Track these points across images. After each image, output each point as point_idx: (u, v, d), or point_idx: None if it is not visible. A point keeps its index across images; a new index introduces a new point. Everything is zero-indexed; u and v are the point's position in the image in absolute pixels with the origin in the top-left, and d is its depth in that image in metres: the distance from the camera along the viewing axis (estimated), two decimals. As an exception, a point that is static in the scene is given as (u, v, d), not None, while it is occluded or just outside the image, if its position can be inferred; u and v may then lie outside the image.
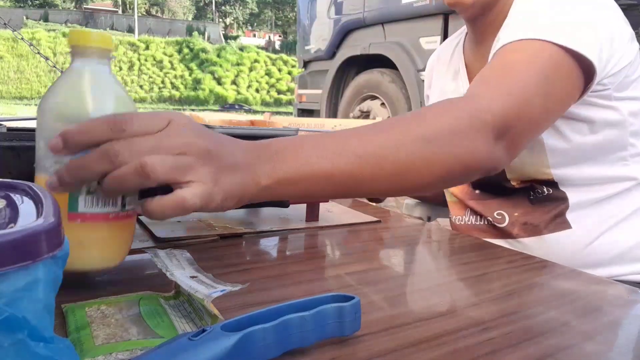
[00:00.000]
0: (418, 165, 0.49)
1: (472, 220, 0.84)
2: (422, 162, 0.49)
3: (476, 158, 0.52)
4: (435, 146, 0.49)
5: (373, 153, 0.47)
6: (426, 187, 0.52)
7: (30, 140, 0.55)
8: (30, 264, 0.21)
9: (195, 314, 0.37)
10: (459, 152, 0.51)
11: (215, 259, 0.53)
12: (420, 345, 0.36)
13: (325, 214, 0.75)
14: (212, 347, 0.29)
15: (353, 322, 0.35)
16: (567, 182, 0.72)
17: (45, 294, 0.22)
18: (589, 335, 0.40)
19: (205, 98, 19.40)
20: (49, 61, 2.83)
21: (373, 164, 0.47)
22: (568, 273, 0.56)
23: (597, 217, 0.72)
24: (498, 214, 0.79)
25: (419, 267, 0.60)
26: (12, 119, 0.61)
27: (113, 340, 0.32)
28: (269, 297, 0.44)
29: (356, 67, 4.66)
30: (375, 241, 0.66)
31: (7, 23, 2.88)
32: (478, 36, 0.80)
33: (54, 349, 0.22)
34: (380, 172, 0.47)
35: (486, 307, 0.45)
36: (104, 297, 0.40)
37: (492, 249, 0.64)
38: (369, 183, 0.48)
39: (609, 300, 0.48)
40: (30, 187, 0.28)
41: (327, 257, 0.60)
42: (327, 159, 0.45)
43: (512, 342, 0.37)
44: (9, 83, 18.30)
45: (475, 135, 0.51)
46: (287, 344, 0.32)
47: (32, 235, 0.21)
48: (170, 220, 0.65)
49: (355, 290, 0.47)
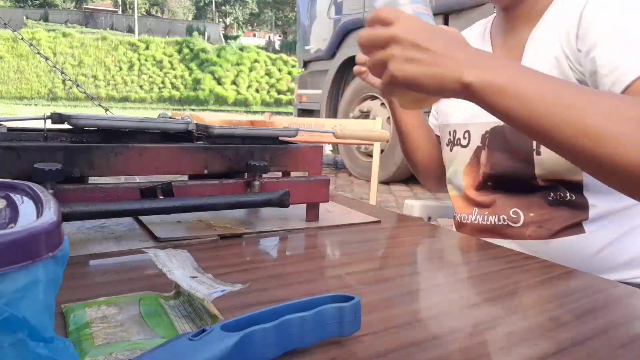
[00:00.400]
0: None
1: (478, 220, 0.82)
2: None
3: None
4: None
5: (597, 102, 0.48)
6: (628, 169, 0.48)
7: (30, 141, 0.55)
8: (30, 264, 0.21)
9: (195, 314, 0.37)
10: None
11: (215, 259, 0.53)
12: (420, 345, 0.36)
13: (325, 214, 0.75)
14: (212, 347, 0.29)
15: (353, 322, 0.35)
16: (594, 187, 0.71)
17: (45, 294, 0.22)
18: (589, 336, 0.40)
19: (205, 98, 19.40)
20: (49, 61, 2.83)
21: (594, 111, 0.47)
22: (568, 273, 0.56)
23: (613, 225, 0.72)
24: (514, 212, 0.77)
25: (418, 267, 0.60)
26: (12, 119, 0.61)
27: (113, 340, 0.32)
28: (269, 297, 0.44)
29: (356, 67, 4.65)
30: (375, 241, 0.66)
31: (7, 23, 2.88)
32: (509, 25, 0.80)
33: (54, 349, 0.22)
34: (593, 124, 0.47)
35: (486, 307, 0.45)
36: (104, 297, 0.40)
37: (492, 249, 0.64)
38: (578, 125, 0.47)
39: (610, 300, 0.48)
40: (30, 187, 0.28)
41: (327, 257, 0.60)
42: (543, 85, 0.48)
43: (512, 342, 0.37)
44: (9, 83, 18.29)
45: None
46: (287, 344, 0.32)
47: (32, 235, 0.21)
48: (170, 221, 0.65)
49: (355, 290, 0.47)
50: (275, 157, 0.66)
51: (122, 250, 0.53)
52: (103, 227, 0.61)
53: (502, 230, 0.78)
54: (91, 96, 3.23)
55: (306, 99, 5.24)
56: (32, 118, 0.63)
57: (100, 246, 0.54)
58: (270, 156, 0.66)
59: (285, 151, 0.67)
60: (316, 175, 0.69)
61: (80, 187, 0.52)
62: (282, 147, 0.67)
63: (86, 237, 0.57)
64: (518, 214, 0.76)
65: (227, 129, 0.64)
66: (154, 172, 0.58)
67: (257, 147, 0.65)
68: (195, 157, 0.60)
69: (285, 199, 0.62)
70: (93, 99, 3.23)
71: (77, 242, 0.54)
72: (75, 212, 0.49)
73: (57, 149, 0.51)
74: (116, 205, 0.51)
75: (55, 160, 0.51)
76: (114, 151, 0.55)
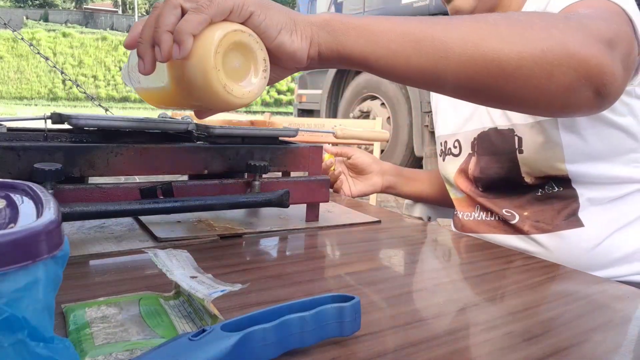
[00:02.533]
0: (529, 61, 0.46)
1: (482, 217, 0.83)
2: (533, 55, 0.46)
3: (593, 54, 0.48)
4: (543, 35, 0.47)
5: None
6: (531, 92, 0.49)
7: (30, 141, 0.55)
8: (30, 264, 0.21)
9: (195, 314, 0.37)
10: (575, 49, 0.47)
11: (215, 259, 0.53)
12: (420, 345, 0.36)
13: (325, 214, 0.75)
14: (212, 347, 0.29)
15: (353, 322, 0.35)
16: (581, 179, 0.72)
17: (45, 294, 0.22)
18: (589, 335, 0.40)
19: (205, 98, 19.45)
20: (49, 61, 2.83)
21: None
22: (568, 273, 0.56)
23: (609, 216, 0.73)
24: (507, 212, 0.79)
25: (419, 267, 0.60)
26: (12, 119, 0.61)
27: (113, 340, 0.32)
28: (269, 297, 0.44)
29: (356, 67, 4.65)
30: (375, 241, 0.66)
31: (7, 23, 2.88)
32: None
33: (54, 349, 0.22)
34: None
35: (486, 307, 0.45)
36: (104, 297, 0.40)
37: (493, 249, 0.64)
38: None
39: (610, 300, 0.48)
40: (30, 187, 0.28)
41: (327, 257, 0.60)
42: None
43: (512, 342, 0.37)
44: (9, 83, 18.30)
45: (586, 35, 0.48)
46: (287, 344, 0.32)
47: (32, 235, 0.21)
48: (170, 221, 0.65)
49: (355, 290, 0.47)
50: (275, 157, 0.66)
51: (122, 250, 0.53)
52: (103, 227, 0.61)
53: (503, 226, 0.79)
54: (91, 96, 3.23)
55: (306, 99, 5.24)
56: (32, 118, 0.63)
57: (100, 246, 0.54)
58: (270, 156, 0.66)
59: (285, 151, 0.67)
60: (316, 175, 0.69)
61: (80, 187, 0.52)
62: (282, 147, 0.67)
63: (86, 237, 0.57)
64: (512, 213, 0.78)
65: (227, 129, 0.64)
66: (154, 172, 0.58)
67: (257, 147, 0.65)
68: (195, 157, 0.60)
69: (285, 199, 0.62)
70: (93, 99, 3.23)
71: (77, 242, 0.54)
72: (75, 212, 0.49)
73: (57, 149, 0.51)
74: (116, 205, 0.51)
75: (55, 160, 0.51)
76: (114, 151, 0.55)
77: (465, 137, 0.85)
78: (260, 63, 0.47)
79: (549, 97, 0.50)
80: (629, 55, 0.55)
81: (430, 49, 0.47)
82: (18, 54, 18.71)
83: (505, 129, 0.77)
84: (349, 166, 1.04)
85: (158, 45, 0.44)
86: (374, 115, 4.29)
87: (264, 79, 0.48)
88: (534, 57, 0.47)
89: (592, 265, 0.72)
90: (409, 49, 0.48)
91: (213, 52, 0.44)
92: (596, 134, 0.70)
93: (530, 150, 0.73)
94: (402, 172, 1.09)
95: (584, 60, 0.48)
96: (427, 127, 3.81)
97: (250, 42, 0.46)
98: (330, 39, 0.48)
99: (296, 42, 0.47)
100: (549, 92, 0.49)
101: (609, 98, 0.52)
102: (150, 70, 0.45)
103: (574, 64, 0.47)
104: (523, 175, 0.76)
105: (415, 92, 3.88)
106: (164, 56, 0.43)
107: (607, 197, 0.73)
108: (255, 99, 0.48)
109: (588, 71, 0.48)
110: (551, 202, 0.74)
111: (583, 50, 0.47)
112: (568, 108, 0.52)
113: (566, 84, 0.48)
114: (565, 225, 0.73)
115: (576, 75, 0.48)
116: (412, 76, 0.50)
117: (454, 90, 0.52)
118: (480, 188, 0.83)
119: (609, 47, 0.49)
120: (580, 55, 0.47)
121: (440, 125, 0.94)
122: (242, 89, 0.47)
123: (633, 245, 0.73)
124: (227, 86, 0.45)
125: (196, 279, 0.37)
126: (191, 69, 0.45)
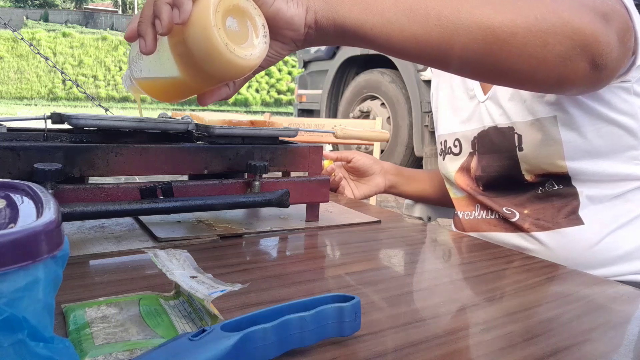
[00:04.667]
0: (522, 29, 0.47)
1: (482, 215, 0.84)
2: (527, 24, 0.47)
3: (587, 23, 0.48)
4: (542, 10, 0.47)
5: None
6: (525, 59, 0.49)
7: (30, 141, 0.55)
8: (30, 264, 0.21)
9: (195, 314, 0.37)
10: (569, 18, 0.47)
11: (215, 259, 0.53)
12: (420, 345, 0.36)
13: (325, 214, 0.75)
14: (212, 347, 0.29)
15: (353, 322, 0.35)
16: (581, 177, 0.72)
17: (45, 294, 0.22)
18: (589, 335, 0.40)
19: (205, 98, 19.44)
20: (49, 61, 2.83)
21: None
22: (568, 273, 0.56)
23: (610, 214, 0.73)
24: (507, 210, 0.79)
25: (418, 267, 0.60)
26: (12, 119, 0.61)
27: (113, 340, 0.32)
28: (269, 297, 0.44)
29: (356, 67, 4.65)
30: (375, 241, 0.66)
31: (7, 23, 2.88)
32: None
33: (54, 349, 0.22)
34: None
35: (486, 307, 0.45)
36: (104, 297, 0.40)
37: (492, 249, 0.64)
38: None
39: (609, 300, 0.48)
40: (30, 187, 0.28)
41: (327, 257, 0.60)
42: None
43: (512, 342, 0.37)
44: (9, 83, 18.29)
45: (580, 5, 0.49)
46: (287, 344, 0.32)
47: (32, 235, 0.21)
48: (170, 221, 0.65)
49: (355, 290, 0.47)
50: (275, 157, 0.66)
51: (122, 250, 0.53)
52: (103, 227, 0.61)
53: (504, 224, 0.80)
54: (91, 96, 3.23)
55: (306, 99, 5.24)
56: (32, 118, 0.63)
57: (100, 246, 0.54)
58: (270, 156, 0.66)
59: (285, 151, 0.67)
60: (316, 175, 0.69)
61: (80, 187, 0.52)
62: (282, 147, 0.67)
63: (86, 237, 0.57)
64: (512, 211, 0.78)
65: (227, 129, 0.64)
66: (154, 172, 0.58)
67: (257, 147, 0.65)
68: (195, 157, 0.60)
69: (285, 199, 0.62)
70: (93, 99, 3.23)
71: (77, 242, 0.54)
72: (75, 212, 0.49)
73: (57, 149, 0.51)
74: (116, 205, 0.51)
75: (55, 160, 0.51)
76: (114, 151, 0.55)
77: (465, 136, 0.85)
78: (259, 28, 0.49)
79: (545, 68, 0.50)
80: (625, 32, 0.55)
81: (424, 17, 0.48)
82: (18, 54, 18.71)
83: (505, 127, 0.77)
84: (349, 170, 1.05)
85: (158, 17, 0.44)
86: (374, 115, 4.29)
87: (264, 43, 0.49)
88: (528, 24, 0.47)
89: (592, 263, 0.72)
90: (403, 17, 0.48)
91: (213, 11, 0.44)
92: (595, 131, 0.70)
93: (530, 147, 0.74)
94: (402, 171, 1.09)
95: (579, 29, 0.48)
96: (427, 127, 3.81)
97: (248, 6, 0.48)
98: (325, 7, 0.49)
99: (292, 8, 0.48)
100: (545, 62, 0.49)
101: (606, 71, 0.52)
102: (152, 47, 0.46)
103: (568, 32, 0.48)
104: (523, 173, 0.76)
105: (415, 92, 3.88)
106: (165, 25, 0.44)
107: (608, 195, 0.73)
108: (258, 62, 0.49)
109: (583, 39, 0.48)
110: (551, 200, 0.75)
111: (577, 19, 0.48)
112: (565, 81, 0.52)
113: (562, 53, 0.48)
114: (565, 223, 0.73)
115: (571, 43, 0.48)
116: (407, 45, 0.50)
117: (450, 61, 0.52)
118: (481, 187, 0.83)
119: (603, 19, 0.50)
120: (574, 24, 0.48)
121: (440, 125, 0.94)
122: (244, 50, 0.47)
123: (633, 243, 0.73)
124: (229, 44, 0.46)
125: (196, 279, 0.37)
126: (192, 33, 0.46)
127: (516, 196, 0.78)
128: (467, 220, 0.87)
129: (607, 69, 0.52)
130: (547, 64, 0.49)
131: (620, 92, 0.68)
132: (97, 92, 18.10)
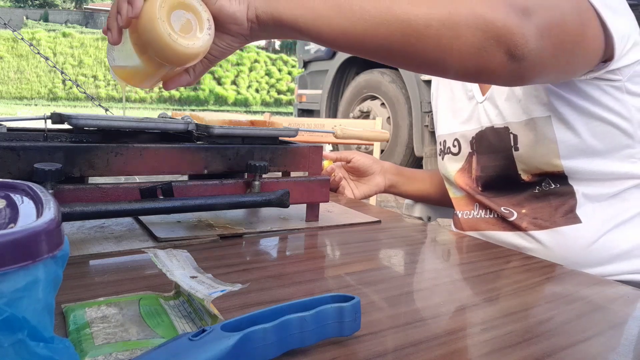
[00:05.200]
0: (436, 23, 0.51)
1: (481, 214, 0.84)
2: (441, 18, 0.51)
3: (499, 16, 0.51)
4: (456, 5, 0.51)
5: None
6: (440, 52, 0.53)
7: (30, 141, 0.55)
8: (30, 264, 0.21)
9: (195, 314, 0.37)
10: (482, 11, 0.51)
11: (215, 259, 0.53)
12: (420, 345, 0.36)
13: (325, 214, 0.75)
14: (212, 347, 0.29)
15: (353, 322, 0.35)
16: (577, 176, 0.73)
17: (45, 294, 0.22)
18: (589, 335, 0.40)
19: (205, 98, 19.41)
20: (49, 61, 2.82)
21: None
22: (568, 273, 0.56)
23: (607, 213, 0.73)
24: (505, 209, 0.79)
25: (418, 267, 0.60)
26: (12, 119, 0.61)
27: (113, 340, 0.32)
28: (269, 297, 0.44)
29: (356, 67, 4.65)
30: (375, 241, 0.66)
31: (7, 23, 2.88)
32: None
33: (54, 349, 0.22)
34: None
35: (486, 307, 0.45)
36: (104, 297, 0.40)
37: (492, 249, 0.64)
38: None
39: (609, 300, 0.48)
40: (30, 187, 0.28)
41: (327, 257, 0.60)
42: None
43: (512, 342, 0.37)
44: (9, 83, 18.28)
45: (498, 3, 0.52)
46: (287, 344, 0.32)
47: (32, 235, 0.21)
48: (170, 221, 0.65)
49: (355, 290, 0.47)
50: (275, 157, 0.66)
51: (122, 250, 0.53)
52: (103, 227, 0.61)
53: (502, 223, 0.80)
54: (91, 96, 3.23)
55: (306, 99, 5.24)
56: (32, 118, 0.63)
57: (100, 246, 0.54)
58: (270, 156, 0.66)
59: (285, 151, 0.67)
60: (316, 175, 0.69)
61: (80, 187, 0.52)
62: (282, 147, 0.67)
63: (86, 237, 0.57)
64: (510, 211, 0.78)
65: (227, 129, 0.64)
66: (154, 172, 0.58)
67: (257, 147, 0.65)
68: (195, 157, 0.60)
69: (285, 199, 0.62)
70: (93, 99, 3.23)
71: (77, 242, 0.54)
72: (75, 212, 0.49)
73: (57, 149, 0.51)
74: (116, 205, 0.51)
75: (55, 160, 0.51)
76: (114, 151, 0.55)
77: (464, 137, 0.85)
78: (204, 22, 0.55)
79: (461, 57, 0.54)
80: (554, 26, 0.56)
81: (350, 12, 0.53)
82: (18, 54, 18.70)
83: (500, 127, 0.77)
84: (349, 170, 1.05)
85: (119, 13, 0.53)
86: (374, 115, 4.29)
87: (208, 35, 0.55)
88: (442, 17, 0.52)
89: (590, 261, 0.72)
90: (331, 12, 0.54)
91: (158, 6, 0.53)
92: (589, 130, 0.70)
93: (526, 147, 0.74)
94: (402, 171, 1.09)
95: (490, 22, 0.52)
96: (427, 127, 3.81)
97: (194, 2, 0.55)
98: (264, 4, 0.55)
99: (234, 4, 0.55)
100: (459, 52, 0.53)
101: (525, 62, 0.54)
102: (117, 39, 0.55)
103: (480, 24, 0.52)
104: (520, 173, 0.76)
105: (415, 92, 3.88)
106: (123, 19, 0.53)
107: (605, 194, 0.73)
108: (201, 51, 0.55)
109: (496, 31, 0.52)
110: (548, 199, 0.75)
111: (490, 12, 0.52)
112: (484, 69, 0.55)
113: (475, 44, 0.52)
114: (562, 221, 0.74)
115: (484, 35, 0.52)
116: (336, 38, 0.55)
117: (374, 51, 0.57)
118: (480, 187, 0.83)
119: (521, 13, 0.53)
120: (487, 17, 0.52)
121: (440, 125, 0.94)
122: (187, 40, 0.54)
123: (631, 242, 0.73)
124: (172, 34, 0.53)
125: (196, 279, 0.37)
126: (143, 26, 0.53)
127: (514, 196, 0.78)
128: (466, 219, 0.87)
129: (526, 60, 0.54)
130: (462, 53, 0.53)
131: (610, 90, 0.68)
132: (97, 92, 18.09)
